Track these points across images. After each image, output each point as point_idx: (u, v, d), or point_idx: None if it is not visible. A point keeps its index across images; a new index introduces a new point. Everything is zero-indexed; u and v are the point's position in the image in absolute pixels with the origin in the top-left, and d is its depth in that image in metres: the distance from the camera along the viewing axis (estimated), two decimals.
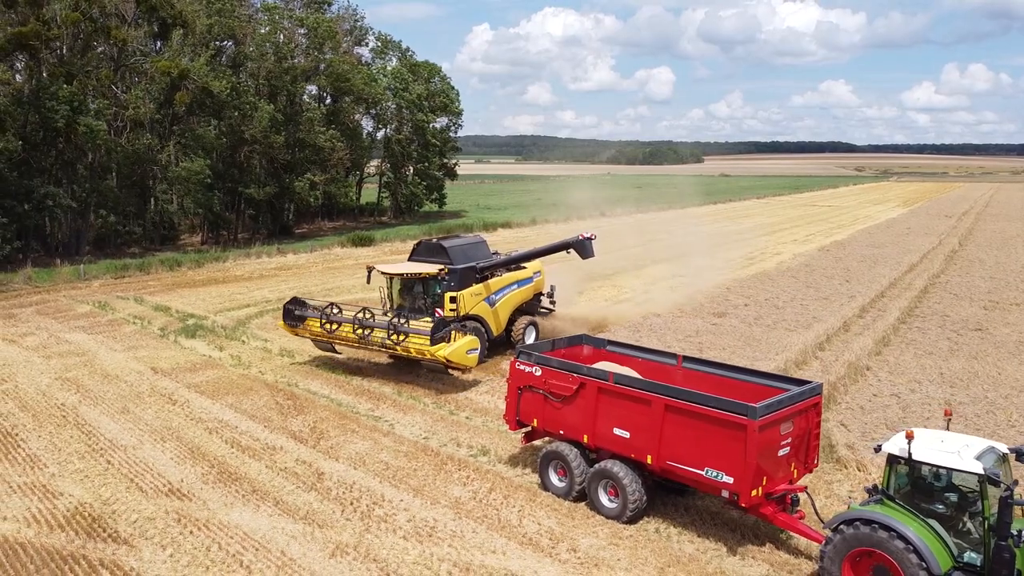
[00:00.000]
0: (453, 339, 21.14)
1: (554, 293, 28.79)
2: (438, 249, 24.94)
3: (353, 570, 12.42)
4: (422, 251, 25.54)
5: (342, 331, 23.10)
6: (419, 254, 25.52)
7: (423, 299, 24.36)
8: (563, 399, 14.99)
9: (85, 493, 15.18)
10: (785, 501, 13.26)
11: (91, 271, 41.58)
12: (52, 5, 46.00)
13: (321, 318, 23.37)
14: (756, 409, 12.19)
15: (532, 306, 27.64)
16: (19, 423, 19.19)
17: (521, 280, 26.74)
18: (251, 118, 54.59)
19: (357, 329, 22.53)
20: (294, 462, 16.82)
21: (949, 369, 23.68)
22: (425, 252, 25.34)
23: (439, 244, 25.22)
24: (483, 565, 12.57)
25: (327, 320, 23.27)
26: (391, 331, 21.49)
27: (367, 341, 22.47)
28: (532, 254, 26.57)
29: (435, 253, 24.89)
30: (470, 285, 24.37)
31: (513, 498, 15.07)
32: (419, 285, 24.43)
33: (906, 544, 10.54)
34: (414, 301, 24.45)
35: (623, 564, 12.66)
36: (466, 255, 25.07)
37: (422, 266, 24.32)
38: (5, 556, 12.80)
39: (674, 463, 13.37)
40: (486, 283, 25.06)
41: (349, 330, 22.85)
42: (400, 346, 21.68)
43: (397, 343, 21.60)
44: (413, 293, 24.67)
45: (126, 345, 27.21)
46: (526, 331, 26.01)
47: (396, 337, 21.54)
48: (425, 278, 24.04)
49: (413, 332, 21.58)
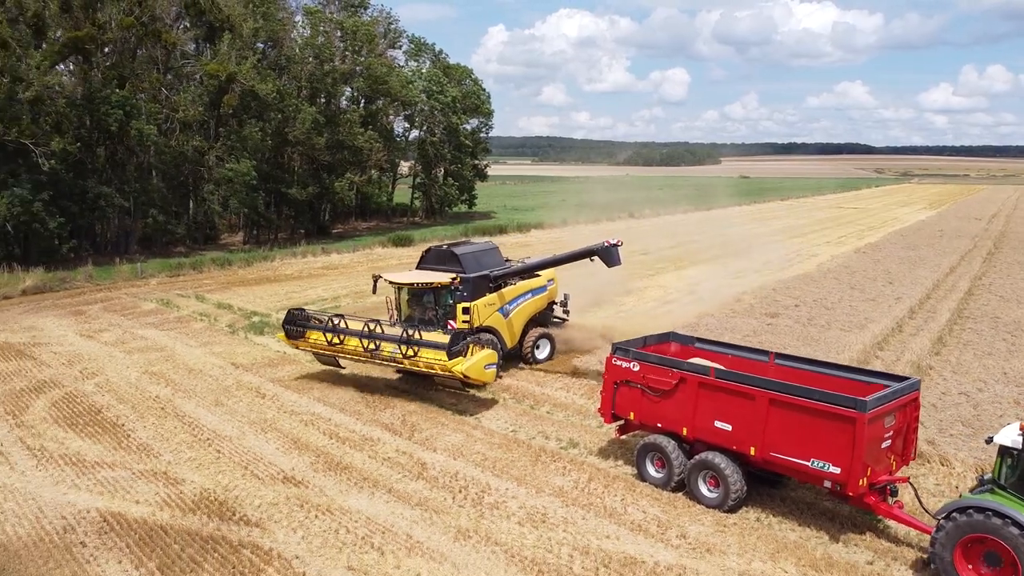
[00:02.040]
0: (470, 353, 19.80)
1: (568, 302, 26.83)
2: (449, 256, 23.41)
3: (479, 552, 13.13)
4: (431, 259, 23.99)
5: (348, 344, 21.54)
6: (428, 262, 23.98)
7: (434, 310, 22.97)
8: (662, 393, 15.63)
9: (205, 480, 15.99)
10: (885, 492, 13.86)
11: (147, 269, 42.62)
12: (106, 10, 47.12)
13: (326, 331, 21.81)
14: (866, 403, 12.80)
15: (546, 316, 26.05)
16: (121, 414, 20.06)
17: (535, 289, 25.12)
18: (294, 120, 55.56)
19: (366, 342, 20.92)
20: (394, 452, 17.57)
21: (1012, 369, 24.13)
22: (435, 260, 23.84)
23: (450, 251, 23.65)
24: (601, 549, 13.25)
25: (333, 333, 21.70)
26: (403, 345, 20.01)
27: (376, 355, 20.96)
28: (552, 261, 24.63)
29: (446, 261, 23.39)
30: (484, 295, 22.97)
31: (613, 488, 15.74)
32: (429, 295, 23.02)
33: (1021, 531, 11.12)
34: (424, 312, 23.11)
35: (734, 549, 13.31)
36: (479, 263, 23.63)
37: (434, 275, 22.87)
38: (149, 536, 13.61)
39: (778, 454, 13.99)
40: (500, 292, 23.57)
41: (356, 343, 21.21)
42: (412, 361, 20.17)
43: (408, 357, 20.11)
44: (423, 303, 23.26)
45: (200, 341, 28.09)
46: (539, 344, 24.71)
47: (407, 351, 20.01)
48: (437, 288, 22.70)
49: (428, 345, 20.05)
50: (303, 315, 22.93)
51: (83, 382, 22.84)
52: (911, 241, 63.10)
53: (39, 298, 36.03)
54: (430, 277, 22.80)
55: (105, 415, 19.96)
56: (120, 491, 15.42)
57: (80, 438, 18.30)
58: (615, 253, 22.63)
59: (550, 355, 25.28)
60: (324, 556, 12.95)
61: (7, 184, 41.52)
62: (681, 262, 50.71)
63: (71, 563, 12.73)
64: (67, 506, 14.71)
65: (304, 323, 22.73)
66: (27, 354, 25.85)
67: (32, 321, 31.06)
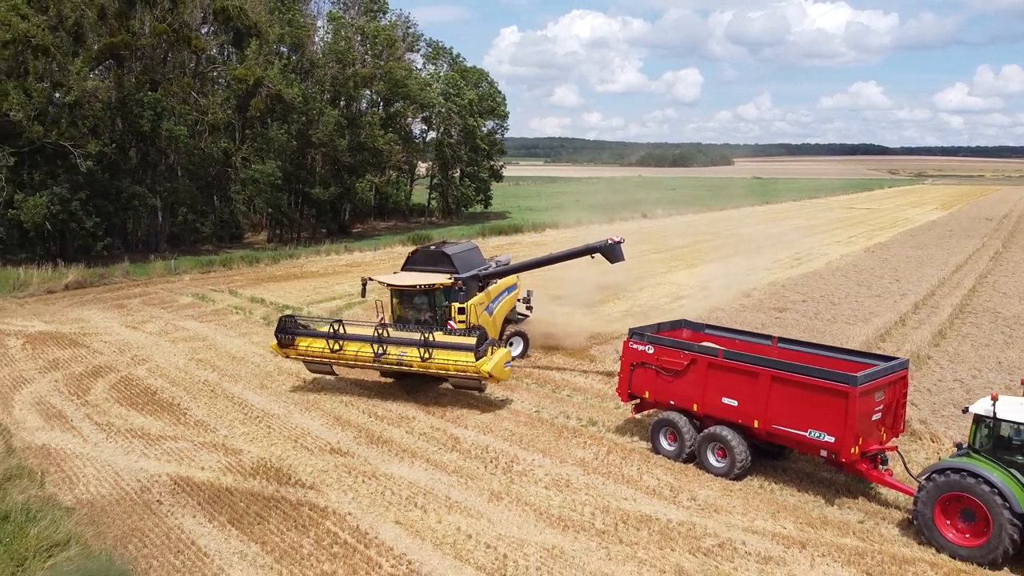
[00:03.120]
0: (491, 352, 19.96)
1: (530, 299, 26.99)
2: (440, 257, 23.29)
3: (511, 510, 14.75)
4: (419, 260, 23.81)
5: (348, 350, 21.06)
6: (416, 263, 23.74)
7: (430, 311, 22.71)
8: (674, 373, 17.21)
9: (260, 451, 17.68)
10: (875, 460, 15.38)
11: (180, 266, 44.48)
12: (140, 17, 49.09)
13: (327, 338, 21.12)
14: (857, 378, 14.34)
15: (513, 314, 26.17)
16: (176, 395, 21.81)
17: (510, 287, 25.48)
18: (318, 122, 57.41)
19: (376, 347, 20.42)
20: (429, 428, 19.22)
21: (1006, 358, 25.54)
22: (424, 260, 23.63)
23: (442, 252, 23.53)
24: (620, 508, 14.84)
25: (334, 339, 21.03)
26: (422, 348, 19.87)
27: (380, 360, 20.56)
28: (552, 259, 24.87)
29: (437, 261, 23.22)
30: (475, 294, 23.06)
31: (630, 459, 17.33)
32: (422, 297, 22.71)
33: (991, 488, 12.62)
34: (419, 313, 22.87)
35: (739, 510, 14.87)
36: (468, 263, 23.76)
37: (432, 276, 22.62)
38: (217, 496, 15.30)
39: (779, 426, 15.55)
40: (487, 291, 23.78)
41: (357, 348, 20.81)
42: (426, 364, 20.03)
43: (426, 359, 19.97)
44: (414, 305, 22.98)
45: (238, 332, 29.85)
46: (513, 341, 24.96)
47: (426, 353, 19.90)
48: (434, 289, 22.47)
49: (447, 347, 20.00)
50: (292, 322, 22.10)
51: (135, 367, 24.62)
52: (920, 241, 64.27)
53: (81, 292, 37.93)
54: (430, 278, 22.44)
55: (161, 396, 21.71)
56: (185, 459, 17.14)
57: (142, 415, 20.05)
58: (618, 250, 23.33)
59: (523, 352, 25.47)
60: (374, 513, 14.59)
61: (47, 184, 43.49)
62: (693, 260, 52.18)
63: (152, 516, 14.43)
64: (140, 471, 16.43)
65: (295, 331, 21.88)
66: (79, 343, 27.67)
67: (78, 313, 32.92)
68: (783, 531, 14.05)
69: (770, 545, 13.51)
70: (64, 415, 19.96)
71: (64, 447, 17.78)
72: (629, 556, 13.08)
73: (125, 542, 13.44)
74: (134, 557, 12.92)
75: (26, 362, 25.03)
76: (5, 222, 42.73)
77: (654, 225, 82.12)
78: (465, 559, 12.97)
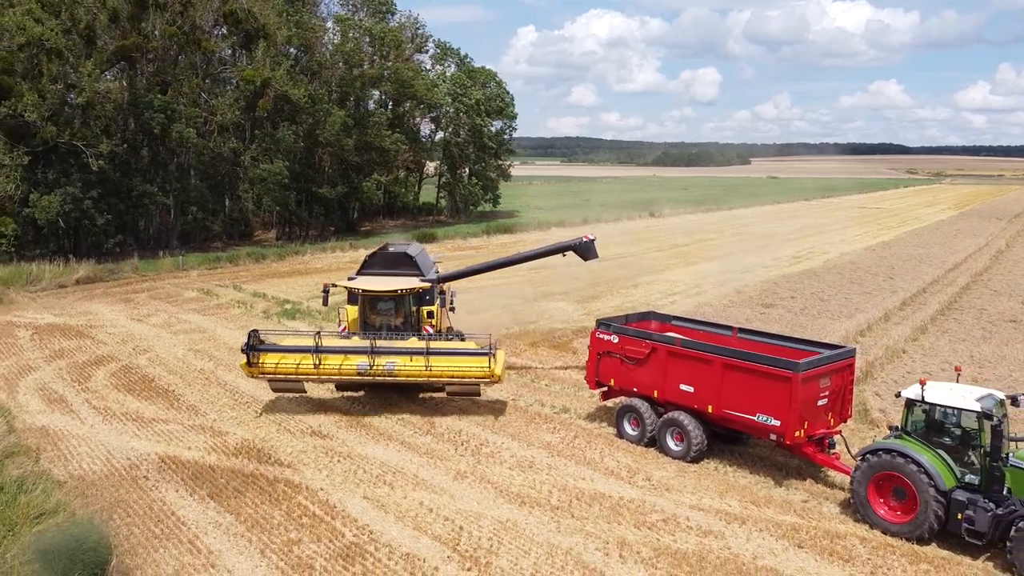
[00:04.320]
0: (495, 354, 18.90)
1: (454, 300, 25.13)
2: (403, 259, 22.06)
3: (473, 488, 15.65)
4: (378, 263, 22.10)
5: (329, 363, 19.11)
6: (375, 266, 22.00)
7: (399, 317, 21.11)
8: (637, 361, 18.04)
9: (245, 433, 18.70)
10: (823, 444, 16.14)
11: (188, 262, 45.77)
12: (151, 20, 50.46)
13: (312, 351, 18.97)
14: (799, 364, 15.11)
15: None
16: (172, 383, 22.90)
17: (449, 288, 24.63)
18: (324, 123, 58.59)
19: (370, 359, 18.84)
20: (407, 414, 20.15)
21: (979, 353, 26.12)
22: (384, 263, 22.02)
23: (404, 254, 22.33)
24: (576, 487, 15.70)
25: (316, 352, 18.96)
26: (427, 355, 18.80)
27: (367, 373, 18.99)
28: (523, 258, 24.45)
29: (399, 264, 21.91)
30: (437, 297, 22.13)
31: (594, 443, 18.18)
32: (389, 302, 21.07)
33: (918, 467, 13.36)
34: (389, 319, 21.17)
35: (689, 489, 15.69)
36: (426, 265, 22.91)
37: (406, 280, 21.15)
38: (200, 473, 16.33)
39: (730, 411, 16.34)
40: (443, 294, 23.09)
41: (339, 361, 19.06)
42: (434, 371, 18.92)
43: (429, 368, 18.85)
44: (379, 311, 21.20)
45: (238, 325, 30.92)
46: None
47: (428, 362, 18.81)
48: (410, 294, 20.91)
49: (461, 353, 19.18)
50: (256, 338, 19.45)
51: (136, 357, 25.75)
52: (924, 240, 64.48)
53: (91, 287, 39.26)
54: (407, 282, 20.96)
55: (158, 383, 22.82)
56: (174, 440, 18.19)
57: (138, 400, 21.16)
58: (592, 248, 23.34)
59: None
60: (344, 489, 15.54)
61: (60, 183, 44.88)
62: (693, 258, 52.84)
63: (137, 490, 15.47)
64: (131, 450, 17.50)
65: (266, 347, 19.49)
66: (86, 334, 28.87)
67: (87, 307, 34.18)
68: (728, 508, 14.84)
69: (712, 521, 14.31)
70: (65, 400, 21.09)
71: (62, 428, 18.89)
72: (577, 529, 13.94)
73: (111, 512, 14.47)
74: (117, 525, 13.93)
75: (33, 351, 26.24)
76: (20, 220, 44.15)
77: (661, 224, 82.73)
78: (423, 530, 13.88)
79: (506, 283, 37.41)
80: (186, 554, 12.99)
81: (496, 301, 34.59)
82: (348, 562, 12.78)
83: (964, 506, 13.05)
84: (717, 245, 61.49)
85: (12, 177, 42.67)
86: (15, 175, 42.89)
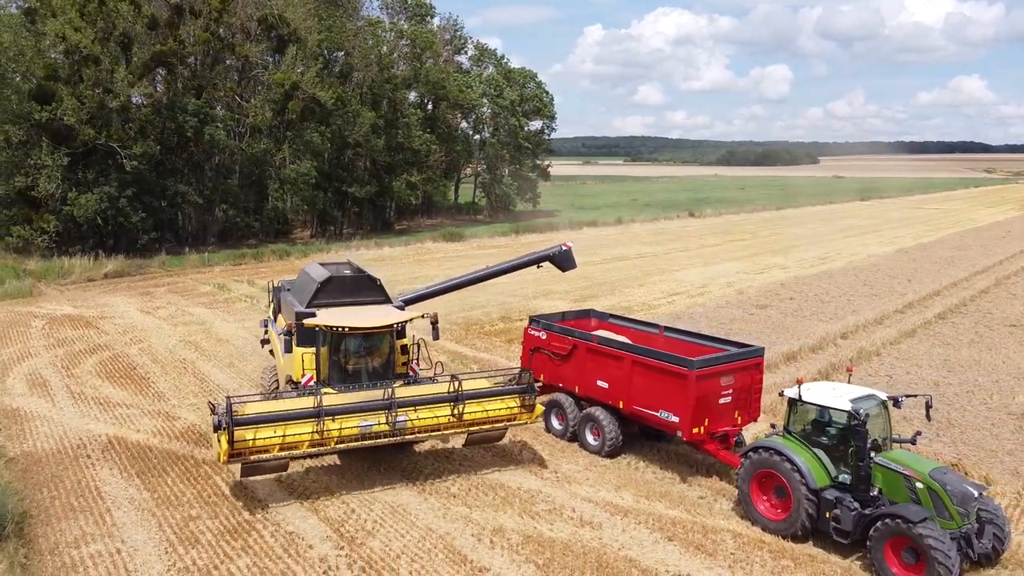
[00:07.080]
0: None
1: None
2: (369, 283, 18.24)
3: (382, 475, 16.36)
4: (335, 291, 17.67)
5: (332, 428, 14.80)
6: (331, 295, 17.55)
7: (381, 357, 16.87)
8: (561, 358, 18.47)
9: (196, 418, 19.84)
10: (729, 441, 16.29)
11: (214, 259, 47.84)
12: (188, 26, 52.83)
13: (316, 417, 14.57)
14: (694, 362, 15.34)
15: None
16: (151, 371, 24.32)
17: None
18: (353, 124, 60.21)
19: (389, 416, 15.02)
20: None
21: (956, 357, 25.52)
22: (341, 291, 17.73)
23: (368, 276, 18.49)
24: (480, 478, 16.27)
25: (319, 418, 14.56)
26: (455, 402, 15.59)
27: (396, 432, 15.21)
28: (494, 272, 22.19)
29: (362, 290, 18.03)
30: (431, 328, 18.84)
31: (519, 438, 18.64)
32: (374, 339, 16.75)
33: (792, 465, 13.48)
34: (371, 360, 16.84)
35: (590, 482, 16.07)
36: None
37: (392, 311, 17.40)
38: (139, 454, 17.50)
39: (639, 407, 16.64)
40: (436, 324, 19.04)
41: (344, 424, 14.87)
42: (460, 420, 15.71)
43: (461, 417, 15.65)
44: (359, 352, 16.77)
45: (237, 318, 32.41)
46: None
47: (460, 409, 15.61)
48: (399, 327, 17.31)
49: (493, 395, 16.27)
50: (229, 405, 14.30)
51: (129, 347, 27.35)
52: (966, 242, 62.38)
53: (117, 281, 41.54)
54: (399, 315, 17.08)
55: (137, 371, 24.27)
56: (127, 423, 19.46)
57: (112, 387, 22.59)
58: (570, 257, 21.74)
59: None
60: None
61: (98, 183, 47.46)
62: (715, 259, 52.42)
63: (75, 467, 16.71)
64: (85, 431, 18.82)
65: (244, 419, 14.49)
66: (92, 325, 30.72)
67: (106, 299, 36.25)
68: (619, 502, 15.17)
69: (597, 512, 14.68)
70: (47, 384, 22.68)
71: (33, 410, 20.39)
72: (462, 516, 14.50)
73: (43, 485, 15.72)
74: (43, 497, 15.15)
75: (39, 340, 28.12)
76: (63, 217, 46.89)
77: (698, 224, 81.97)
78: (317, 511, 14.68)
79: (509, 279, 37.90)
80: (91, 525, 14.07)
81: (493, 299, 35.34)
82: (232, 537, 13.66)
83: (832, 505, 13.13)
84: (746, 245, 60.76)
85: (53, 177, 45.42)
86: (56, 175, 45.62)
